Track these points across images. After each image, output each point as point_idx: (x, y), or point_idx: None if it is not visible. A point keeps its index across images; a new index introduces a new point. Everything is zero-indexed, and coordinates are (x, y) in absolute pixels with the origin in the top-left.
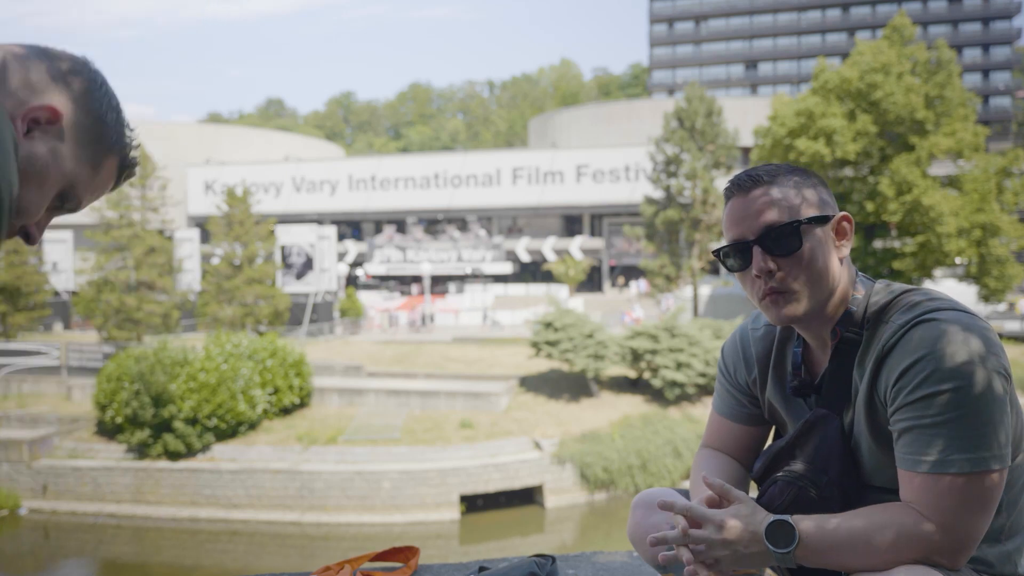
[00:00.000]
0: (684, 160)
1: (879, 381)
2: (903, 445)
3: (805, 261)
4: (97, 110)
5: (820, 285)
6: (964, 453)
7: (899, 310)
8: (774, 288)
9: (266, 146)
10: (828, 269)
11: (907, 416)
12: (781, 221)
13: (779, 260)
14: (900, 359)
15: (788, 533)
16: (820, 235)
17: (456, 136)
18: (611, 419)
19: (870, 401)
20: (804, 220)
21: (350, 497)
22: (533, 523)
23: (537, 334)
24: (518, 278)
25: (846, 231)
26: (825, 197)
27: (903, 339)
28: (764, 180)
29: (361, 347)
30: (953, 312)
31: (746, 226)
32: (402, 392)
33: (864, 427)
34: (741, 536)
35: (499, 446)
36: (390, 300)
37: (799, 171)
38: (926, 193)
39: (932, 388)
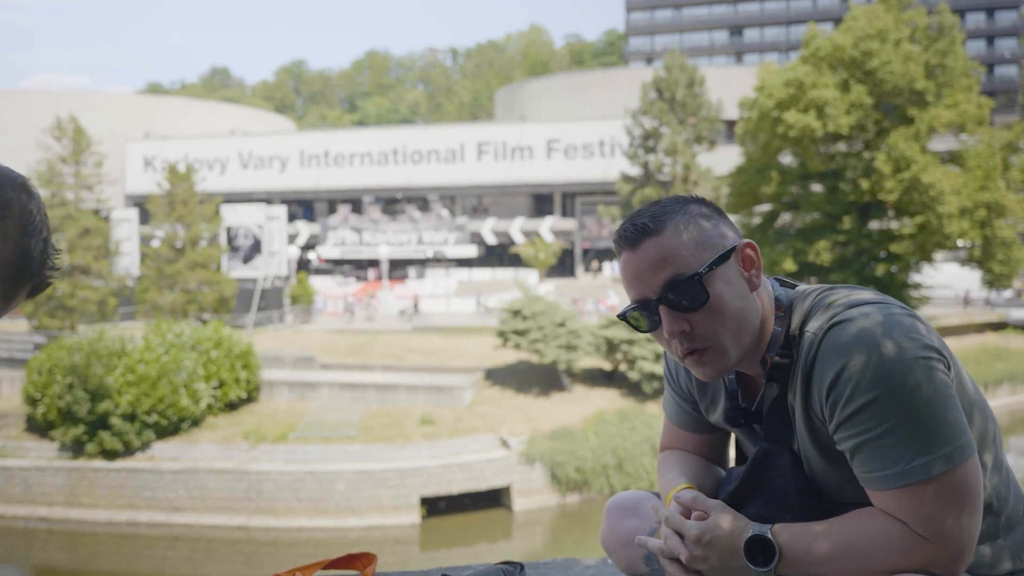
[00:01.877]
0: (663, 134)
1: (811, 400)
2: (859, 465)
3: (718, 310)
4: (27, 246)
5: (740, 329)
6: (923, 456)
7: (813, 318)
8: (694, 347)
9: (210, 119)
10: (744, 309)
11: (850, 433)
12: (682, 274)
13: (690, 316)
14: (823, 373)
15: (768, 549)
16: (727, 275)
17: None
18: (584, 415)
19: (809, 422)
20: (705, 269)
21: (301, 499)
22: (500, 527)
23: (504, 323)
24: (483, 262)
25: (752, 259)
26: (723, 229)
27: (820, 350)
28: (651, 229)
29: (313, 337)
30: (865, 306)
31: (645, 285)
32: (358, 386)
33: (813, 451)
34: (720, 550)
35: (463, 444)
36: (345, 286)
37: (688, 204)
38: (926, 170)
39: (864, 397)
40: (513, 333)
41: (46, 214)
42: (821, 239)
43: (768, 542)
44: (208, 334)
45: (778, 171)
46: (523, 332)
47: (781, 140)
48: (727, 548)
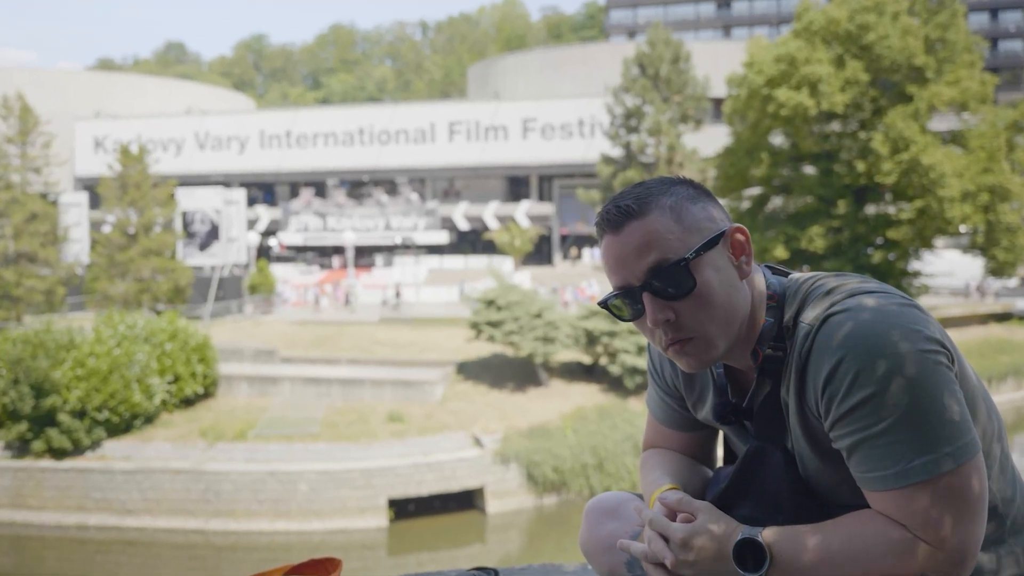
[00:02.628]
0: (647, 113)
1: (806, 395)
2: (856, 464)
3: (705, 298)
4: None
5: (729, 318)
6: (925, 455)
7: (808, 308)
8: (679, 337)
9: (165, 97)
10: (733, 297)
11: (848, 430)
12: (667, 260)
13: (675, 304)
14: (819, 366)
15: (759, 553)
16: (715, 261)
17: (384, 86)
18: (562, 411)
19: (804, 419)
20: (692, 254)
21: (262, 501)
22: (472, 531)
23: (477, 313)
24: (455, 249)
25: (742, 245)
26: (711, 212)
27: (816, 342)
28: (635, 212)
29: (275, 328)
30: (863, 296)
31: (628, 271)
32: (322, 380)
33: (807, 448)
34: (707, 555)
35: (433, 442)
36: (308, 274)
37: (675, 186)
38: (925, 151)
39: (863, 392)
40: (487, 325)
41: None
42: (814, 224)
43: (758, 546)
44: (163, 326)
45: (768, 152)
46: (497, 324)
47: (772, 119)
48: (715, 552)
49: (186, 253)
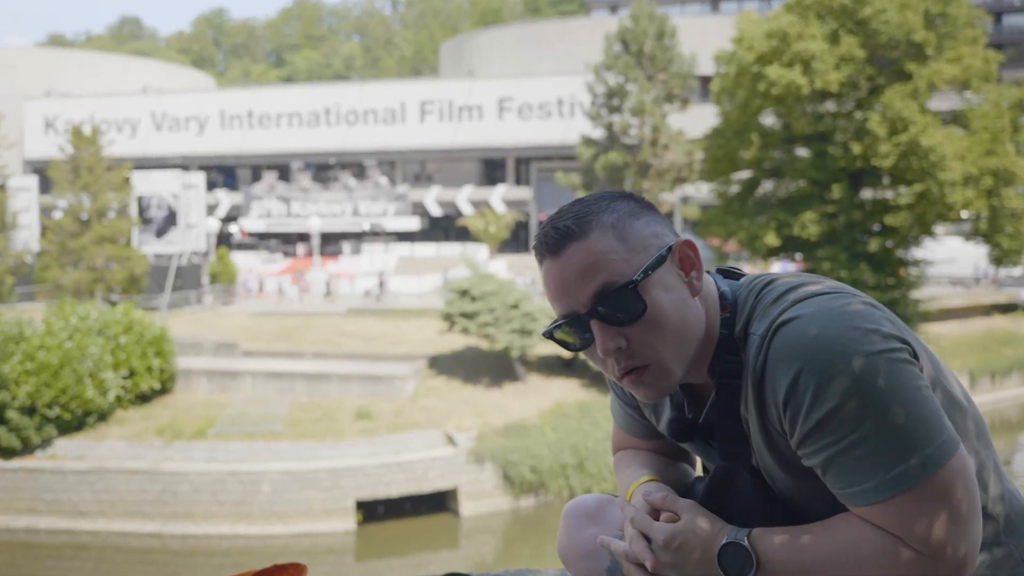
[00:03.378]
0: (630, 92)
1: (767, 412)
2: (833, 481)
3: (657, 321)
4: None
5: (683, 340)
6: (903, 462)
7: (757, 318)
8: (633, 365)
9: (119, 75)
10: (686, 317)
11: (817, 447)
12: (613, 283)
13: (626, 330)
14: (775, 382)
15: (745, 558)
16: (664, 279)
17: (351, 63)
18: (541, 408)
19: (767, 436)
20: (640, 275)
21: (222, 503)
22: (445, 535)
23: (450, 304)
24: (427, 236)
25: (691, 259)
26: (656, 227)
27: (769, 356)
28: (575, 233)
29: (236, 320)
30: (813, 299)
31: (572, 297)
32: (285, 375)
33: (775, 467)
34: (691, 557)
35: (404, 441)
36: (271, 262)
37: (615, 201)
38: (925, 132)
39: (827, 406)
40: (460, 316)
41: None
42: (807, 210)
43: (745, 549)
44: (117, 317)
45: (759, 133)
46: (472, 315)
47: (762, 99)
48: (699, 555)
49: (142, 240)
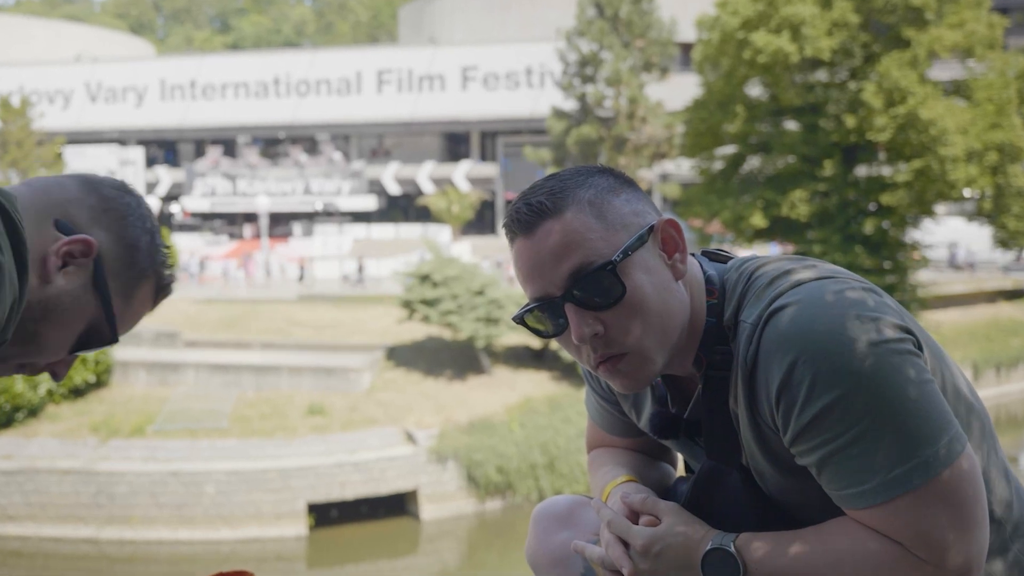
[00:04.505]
0: (604, 60)
1: (758, 406)
2: (829, 481)
3: (636, 306)
4: (131, 237)
5: (665, 326)
6: (907, 461)
7: (748, 304)
8: (610, 353)
9: (52, 42)
10: (668, 302)
11: (812, 444)
12: (590, 263)
13: (603, 315)
14: (768, 373)
15: (731, 566)
16: (645, 261)
17: (303, 29)
18: (508, 403)
19: (758, 433)
20: (620, 255)
21: (162, 506)
22: (405, 540)
23: (410, 290)
24: (385, 216)
25: (674, 240)
26: (637, 204)
27: (762, 345)
28: (549, 210)
29: (177, 307)
30: (810, 284)
31: (546, 279)
32: (231, 367)
33: (767, 466)
34: (672, 564)
35: (359, 439)
36: (215, 244)
37: (592, 176)
38: (925, 104)
39: (824, 399)
40: (421, 303)
41: (150, 211)
42: (797, 188)
43: (730, 556)
44: None
45: (744, 105)
46: (433, 302)
47: (748, 67)
48: (681, 561)
49: None
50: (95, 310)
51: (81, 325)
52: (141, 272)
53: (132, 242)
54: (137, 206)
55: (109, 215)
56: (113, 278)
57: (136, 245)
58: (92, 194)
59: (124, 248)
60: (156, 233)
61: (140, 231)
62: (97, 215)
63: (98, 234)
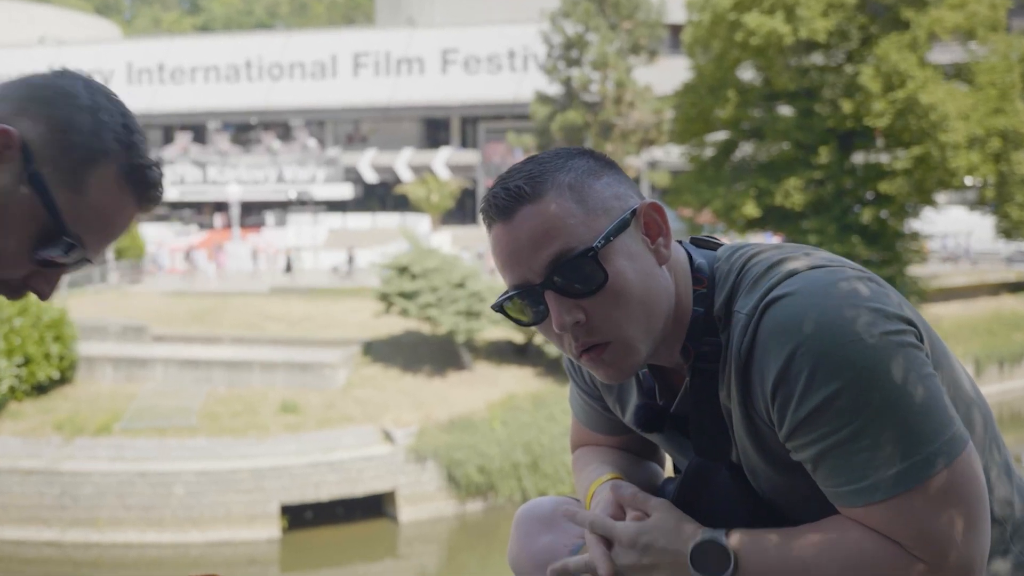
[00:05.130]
0: (591, 42)
1: (752, 400)
2: (825, 478)
3: (619, 293)
4: (60, 118)
5: (649, 314)
6: (908, 458)
7: (743, 294)
8: (592, 342)
9: (14, 23)
10: (652, 288)
11: (809, 439)
12: (571, 249)
13: (584, 303)
14: (764, 366)
15: (722, 559)
16: (628, 246)
17: (275, 10)
18: (490, 400)
19: (752, 427)
20: (601, 240)
21: (130, 508)
22: (382, 543)
23: (387, 283)
24: (361, 205)
25: (657, 224)
26: (618, 188)
27: (758, 337)
28: (528, 194)
29: (145, 300)
30: (808, 272)
31: (525, 266)
32: (201, 363)
33: (760, 462)
34: (661, 558)
35: (335, 438)
36: (184, 235)
37: (572, 159)
38: (925, 88)
39: (823, 392)
40: (399, 296)
41: (101, 93)
42: (791, 176)
43: (722, 550)
44: None
45: (736, 89)
46: (411, 295)
47: (740, 50)
48: (669, 554)
49: None
50: (39, 207)
51: (31, 225)
52: (86, 156)
53: (63, 124)
54: (75, 88)
55: (36, 102)
56: (47, 165)
57: (69, 126)
58: (21, 87)
59: (54, 131)
60: (103, 111)
61: (74, 110)
62: (23, 105)
63: (21, 123)
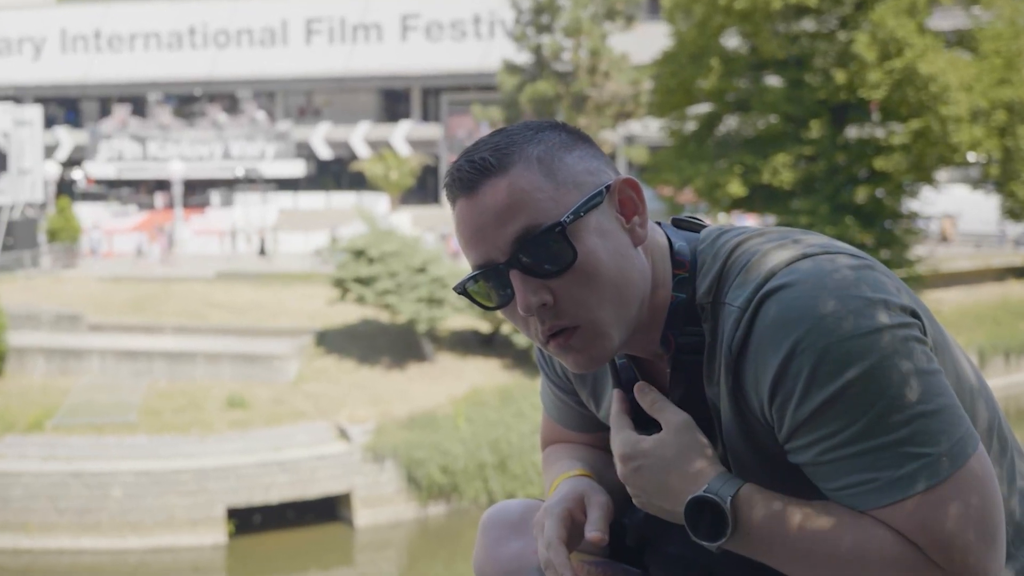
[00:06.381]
0: (562, 7)
1: (746, 398)
2: (827, 481)
3: (589, 273)
4: None
5: (622, 297)
6: (917, 459)
7: (733, 284)
8: (560, 326)
9: None
10: (626, 270)
11: (810, 440)
12: (538, 225)
13: (552, 283)
14: (761, 363)
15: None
16: (600, 224)
17: None
18: (453, 394)
19: (745, 426)
20: (570, 216)
21: (63, 511)
22: (337, 549)
23: (342, 267)
24: (314, 183)
25: (632, 202)
26: (591, 162)
27: (753, 333)
28: (494, 167)
29: (80, 287)
30: (807, 261)
31: (490, 243)
32: (141, 354)
33: (754, 463)
34: (652, 489)
35: (286, 435)
36: (122, 216)
37: (543, 132)
38: (924, 57)
39: (825, 391)
40: (355, 282)
41: None
42: (780, 152)
43: (721, 511)
44: None
45: (720, 58)
46: (368, 281)
47: (724, 15)
48: (661, 492)
49: None
50: None
51: None
52: None
53: None
54: None
55: None
56: None
57: None
58: None
59: None
60: None
61: None
62: None
63: None
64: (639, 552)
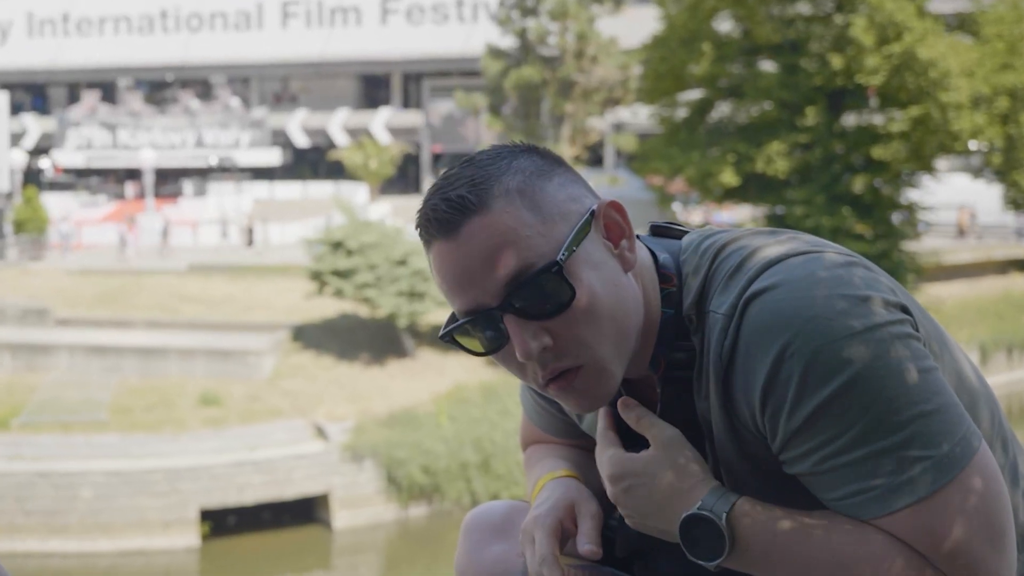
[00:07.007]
0: None
1: (736, 409)
2: (826, 491)
3: (588, 309)
4: None
5: (621, 330)
6: (918, 463)
7: (717, 291)
8: (562, 367)
9: None
10: (622, 300)
11: (806, 449)
12: (531, 265)
13: (549, 324)
14: (750, 371)
15: (717, 538)
16: (591, 255)
17: None
18: (435, 391)
19: (737, 439)
20: (564, 253)
21: (29, 513)
22: (314, 552)
23: (320, 260)
24: (291, 172)
25: (619, 225)
26: (572, 188)
27: (740, 340)
28: (473, 204)
29: (47, 279)
30: (788, 260)
31: (478, 287)
32: (111, 350)
33: (748, 477)
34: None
35: (261, 433)
36: (92, 207)
37: (516, 159)
38: (924, 41)
39: (818, 397)
40: (332, 275)
41: None
42: (774, 140)
43: (717, 529)
44: None
45: (712, 43)
46: (347, 273)
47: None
48: (654, 511)
49: None
50: None
51: None
52: None
53: None
54: None
55: None
56: None
57: None
58: None
59: None
60: None
61: None
62: None
63: None
64: (627, 560)
